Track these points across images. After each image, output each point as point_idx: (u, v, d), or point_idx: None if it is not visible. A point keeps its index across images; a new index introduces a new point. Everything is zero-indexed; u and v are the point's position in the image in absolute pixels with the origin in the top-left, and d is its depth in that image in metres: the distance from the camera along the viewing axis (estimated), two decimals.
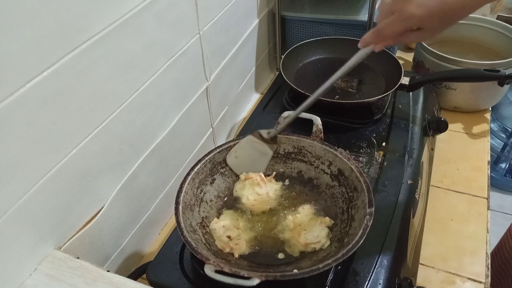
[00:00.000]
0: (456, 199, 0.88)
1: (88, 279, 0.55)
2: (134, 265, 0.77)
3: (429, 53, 1.04)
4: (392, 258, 0.64)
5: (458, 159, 0.97)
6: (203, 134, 0.93)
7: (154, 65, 0.69)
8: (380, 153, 0.82)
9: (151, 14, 0.65)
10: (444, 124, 0.92)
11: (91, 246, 0.65)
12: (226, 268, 0.53)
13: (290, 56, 1.03)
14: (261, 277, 0.51)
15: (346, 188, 0.67)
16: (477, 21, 1.14)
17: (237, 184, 0.72)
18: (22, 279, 0.54)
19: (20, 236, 0.52)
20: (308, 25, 1.15)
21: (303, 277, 0.52)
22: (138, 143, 0.71)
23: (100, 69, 0.57)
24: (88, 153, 0.60)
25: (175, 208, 0.61)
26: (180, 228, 0.58)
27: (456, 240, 0.80)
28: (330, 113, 0.87)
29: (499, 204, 2.00)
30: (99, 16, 0.55)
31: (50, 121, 0.52)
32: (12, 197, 0.49)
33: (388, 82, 0.96)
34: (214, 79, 0.91)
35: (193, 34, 0.79)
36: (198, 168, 0.68)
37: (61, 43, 0.50)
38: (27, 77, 0.47)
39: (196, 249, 0.55)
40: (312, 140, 0.73)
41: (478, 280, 0.73)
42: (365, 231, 0.56)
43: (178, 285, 0.62)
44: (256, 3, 1.05)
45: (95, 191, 0.63)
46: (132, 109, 0.66)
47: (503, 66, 0.96)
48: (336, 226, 0.65)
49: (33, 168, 0.51)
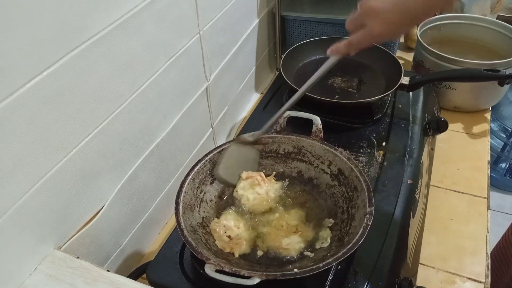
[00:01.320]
0: (456, 199, 0.88)
1: (88, 279, 0.55)
2: (134, 265, 0.77)
3: (429, 53, 1.04)
4: (392, 258, 0.64)
5: (458, 159, 0.97)
6: (203, 134, 0.93)
7: (154, 65, 0.69)
8: (380, 153, 0.82)
9: (151, 14, 0.65)
10: (444, 124, 0.92)
11: (91, 246, 0.65)
12: (227, 267, 0.53)
13: (290, 56, 1.03)
14: (261, 276, 0.51)
15: (346, 187, 0.67)
16: (477, 21, 1.14)
17: (238, 184, 0.72)
18: (22, 279, 0.54)
19: (20, 236, 0.52)
20: (308, 25, 1.15)
21: (303, 276, 0.52)
22: (138, 143, 0.71)
23: (100, 69, 0.57)
24: (88, 153, 0.60)
25: (175, 208, 0.61)
26: (181, 228, 0.58)
27: (456, 240, 0.80)
28: (330, 113, 0.87)
29: (499, 204, 2.00)
30: (99, 16, 0.55)
31: (50, 120, 0.52)
32: (12, 197, 0.49)
33: (388, 82, 0.96)
34: (214, 79, 0.91)
35: (193, 34, 0.79)
36: (198, 168, 0.68)
37: (61, 43, 0.50)
38: (27, 77, 0.47)
39: (196, 249, 0.55)
40: (312, 139, 0.73)
41: (478, 280, 0.73)
42: (365, 230, 0.56)
43: (178, 285, 0.62)
44: (256, 3, 1.05)
45: (95, 191, 0.63)
46: (132, 109, 0.66)
47: (503, 66, 0.96)
48: (336, 225, 0.65)
49: (33, 168, 0.51)
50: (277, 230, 0.66)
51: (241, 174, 0.73)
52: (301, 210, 0.69)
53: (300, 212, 0.68)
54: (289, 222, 0.67)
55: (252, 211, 0.69)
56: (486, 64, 0.96)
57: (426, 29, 1.14)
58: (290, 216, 0.68)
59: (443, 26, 1.16)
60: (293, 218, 0.67)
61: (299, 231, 0.65)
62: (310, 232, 0.65)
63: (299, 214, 0.68)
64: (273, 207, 0.70)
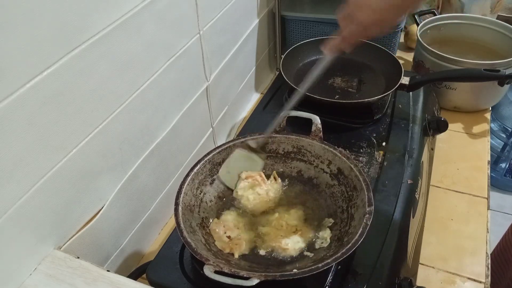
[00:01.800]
0: (456, 199, 0.88)
1: (88, 279, 0.55)
2: (134, 265, 0.77)
3: (429, 53, 1.04)
4: (392, 258, 0.64)
5: (458, 159, 0.97)
6: (203, 134, 0.93)
7: (154, 65, 0.70)
8: (380, 153, 0.82)
9: (151, 14, 0.65)
10: (444, 124, 0.92)
11: (91, 246, 0.65)
12: (226, 268, 0.53)
13: (290, 56, 1.03)
14: (260, 277, 0.51)
15: (346, 187, 0.67)
16: (477, 21, 1.14)
17: (237, 185, 0.72)
18: (22, 279, 0.54)
19: (20, 236, 0.52)
20: (308, 25, 1.15)
21: (302, 276, 0.52)
22: (138, 143, 0.71)
23: (100, 69, 0.57)
24: (88, 153, 0.60)
25: (175, 209, 0.61)
26: (180, 229, 0.58)
27: (456, 240, 0.80)
28: (330, 113, 0.87)
29: (499, 204, 2.00)
30: (99, 16, 0.55)
31: (50, 120, 0.52)
32: (12, 197, 0.49)
33: (388, 82, 0.96)
34: (214, 79, 0.91)
35: (193, 34, 0.79)
36: (198, 169, 0.68)
37: (61, 43, 0.50)
38: (27, 77, 0.47)
39: (195, 250, 0.55)
40: (311, 139, 0.73)
41: (478, 280, 0.73)
42: (365, 230, 0.56)
43: (178, 285, 0.62)
44: (256, 3, 1.05)
45: (95, 191, 0.63)
46: (132, 109, 0.66)
47: (503, 66, 0.96)
48: (336, 225, 0.65)
49: (33, 167, 0.51)
50: (277, 230, 0.66)
51: (241, 174, 0.73)
52: (301, 210, 0.69)
53: (300, 212, 0.68)
54: (289, 222, 0.66)
55: (252, 211, 0.69)
56: (486, 64, 0.96)
57: (426, 29, 1.14)
58: (290, 216, 0.68)
59: (443, 26, 1.16)
60: (293, 218, 0.67)
61: (299, 230, 0.65)
62: (310, 232, 0.65)
63: (298, 214, 0.68)
64: (273, 207, 0.70)
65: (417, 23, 1.15)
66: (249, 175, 0.72)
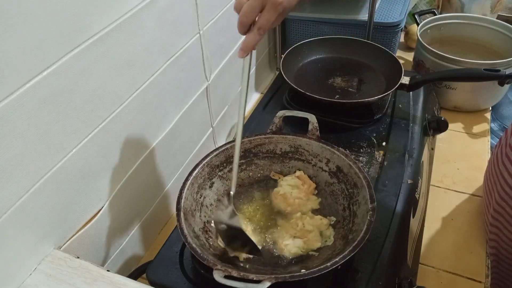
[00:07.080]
0: (456, 198, 0.88)
1: (88, 278, 0.55)
2: (134, 265, 0.77)
3: (430, 53, 1.04)
4: (392, 258, 0.64)
5: (458, 159, 0.97)
6: (203, 134, 0.93)
7: (154, 64, 0.70)
8: (380, 152, 0.82)
9: (151, 14, 0.65)
10: (444, 124, 0.92)
11: (91, 245, 0.65)
12: (235, 273, 0.52)
13: (290, 56, 1.03)
14: (271, 279, 0.50)
15: (346, 184, 0.67)
16: (477, 20, 1.14)
17: (284, 178, 0.72)
18: (22, 279, 0.54)
19: (20, 235, 0.52)
20: (308, 25, 1.15)
21: (312, 276, 0.51)
22: (138, 143, 0.71)
23: (100, 68, 0.58)
24: (88, 153, 0.60)
25: (177, 214, 0.60)
26: (184, 235, 0.57)
27: (456, 240, 0.80)
28: (330, 113, 0.87)
29: None
30: (99, 15, 0.55)
31: (50, 120, 0.52)
32: (12, 196, 0.49)
33: (388, 82, 0.96)
34: (214, 79, 0.91)
35: (193, 33, 0.79)
36: (196, 173, 0.67)
37: (61, 42, 0.50)
38: (27, 76, 0.47)
39: (202, 256, 0.55)
40: (308, 138, 0.72)
41: (478, 280, 0.73)
42: (370, 227, 0.56)
43: (178, 285, 0.62)
44: None
45: (95, 191, 0.63)
46: (132, 109, 0.66)
47: (503, 65, 0.96)
48: (339, 223, 0.65)
49: (33, 167, 0.51)
50: (291, 227, 0.65)
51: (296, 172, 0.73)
52: (324, 220, 0.66)
53: (323, 222, 0.66)
54: (306, 225, 0.65)
55: (253, 216, 0.68)
56: (486, 64, 0.96)
57: (426, 29, 1.14)
58: (312, 220, 0.66)
59: (443, 26, 1.16)
60: (312, 223, 0.66)
61: (307, 238, 0.64)
62: (315, 244, 0.63)
63: (319, 223, 0.66)
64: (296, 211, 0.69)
65: (417, 23, 1.15)
66: (301, 175, 0.72)
